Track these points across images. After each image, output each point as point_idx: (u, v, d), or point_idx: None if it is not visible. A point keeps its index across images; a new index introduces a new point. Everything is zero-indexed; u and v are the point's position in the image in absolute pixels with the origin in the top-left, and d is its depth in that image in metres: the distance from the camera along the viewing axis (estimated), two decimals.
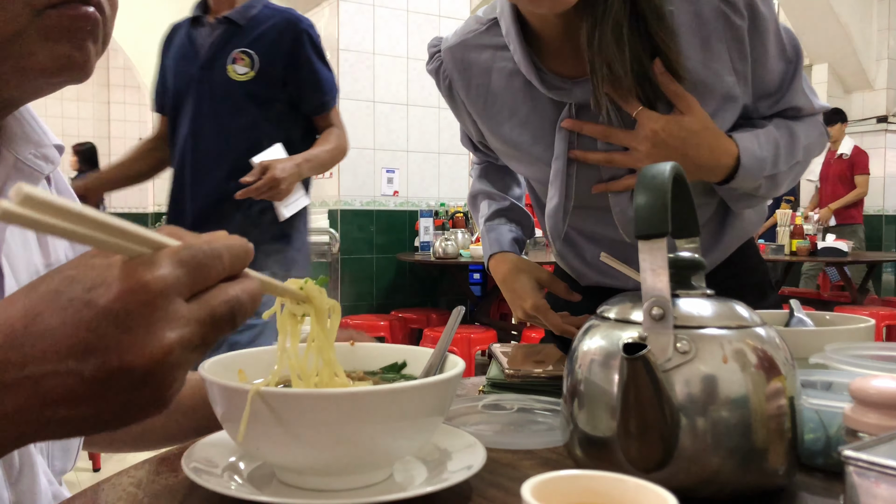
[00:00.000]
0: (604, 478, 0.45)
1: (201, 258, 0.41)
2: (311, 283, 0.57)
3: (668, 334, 0.56)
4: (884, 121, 6.48)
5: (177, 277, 0.40)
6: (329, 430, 0.52)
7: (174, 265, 0.40)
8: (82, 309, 0.39)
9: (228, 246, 0.43)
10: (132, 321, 0.39)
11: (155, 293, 0.39)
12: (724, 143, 0.98)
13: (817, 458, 0.64)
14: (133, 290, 0.39)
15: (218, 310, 0.42)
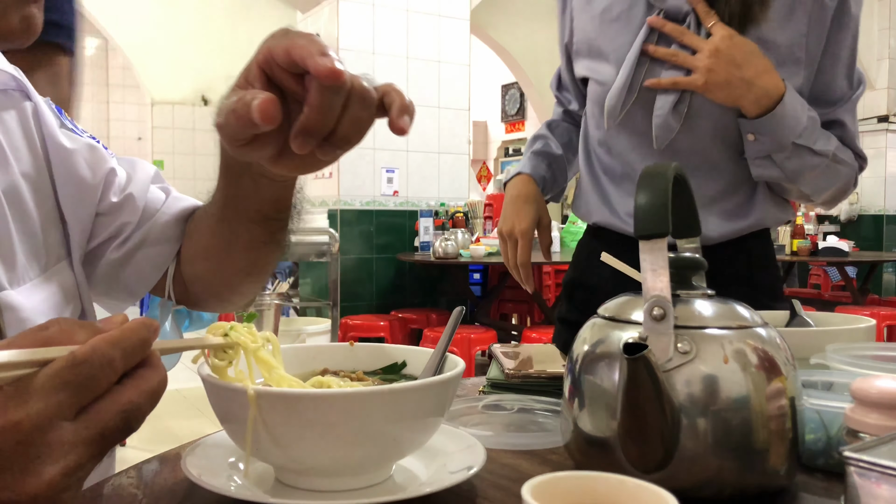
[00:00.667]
0: (604, 478, 0.44)
1: (87, 371, 0.38)
2: (237, 327, 0.54)
3: (669, 334, 0.56)
4: (884, 120, 6.48)
5: (57, 403, 0.37)
6: (329, 430, 0.52)
7: (54, 389, 0.37)
8: None
9: (121, 346, 0.40)
10: (5, 460, 0.36)
11: (29, 430, 0.36)
12: (775, 77, 1.03)
13: (818, 459, 0.63)
14: (4, 429, 0.36)
15: (109, 424, 0.39)
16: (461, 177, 4.95)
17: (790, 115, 1.03)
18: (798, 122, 1.03)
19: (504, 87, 10.55)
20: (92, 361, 0.38)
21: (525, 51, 9.50)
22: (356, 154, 4.48)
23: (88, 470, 0.39)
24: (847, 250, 4.73)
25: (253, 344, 0.54)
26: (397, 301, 4.67)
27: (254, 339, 0.54)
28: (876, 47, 6.52)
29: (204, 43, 8.09)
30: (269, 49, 0.52)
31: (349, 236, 4.49)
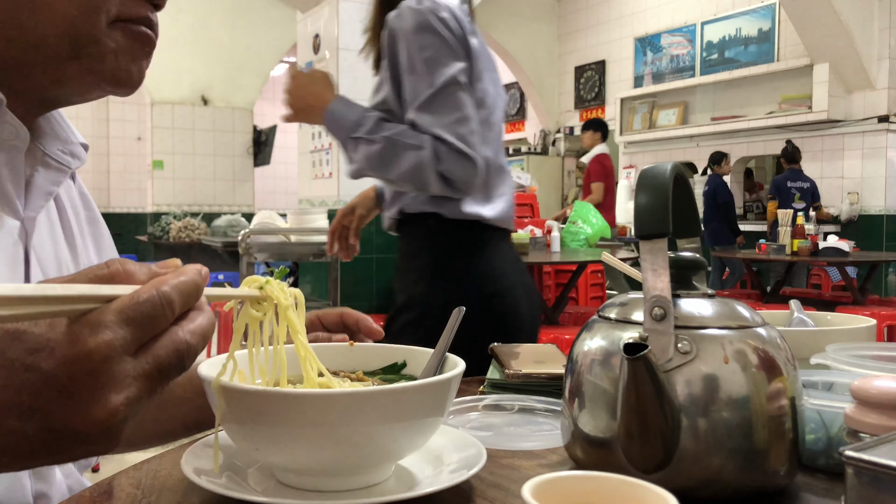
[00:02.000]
0: (604, 478, 0.44)
1: (148, 310, 0.40)
2: (272, 281, 0.55)
3: (669, 334, 0.55)
4: (885, 120, 6.47)
5: (122, 338, 0.39)
6: (329, 430, 0.52)
7: (120, 324, 0.39)
8: (24, 372, 0.38)
9: (179, 288, 0.42)
10: (76, 389, 0.38)
11: (99, 360, 0.38)
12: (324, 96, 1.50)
13: (818, 459, 0.63)
14: (76, 358, 0.38)
15: (166, 360, 0.41)
16: None
17: (337, 118, 1.46)
18: (346, 120, 1.45)
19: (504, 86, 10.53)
20: (153, 301, 0.40)
21: (525, 51, 9.50)
22: None
23: (144, 404, 0.42)
24: (847, 250, 4.73)
25: (285, 301, 0.55)
26: None
27: (285, 296, 0.56)
28: (876, 47, 6.51)
29: (204, 43, 8.10)
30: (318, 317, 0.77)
31: None
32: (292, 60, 10.65)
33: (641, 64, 8.65)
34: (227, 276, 6.26)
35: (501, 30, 9.25)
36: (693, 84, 7.87)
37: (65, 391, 0.38)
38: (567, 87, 9.61)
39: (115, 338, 0.39)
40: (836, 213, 6.77)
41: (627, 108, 8.57)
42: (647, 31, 8.55)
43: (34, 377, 0.38)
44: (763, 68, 7.18)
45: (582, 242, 5.29)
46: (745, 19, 7.57)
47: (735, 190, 7.28)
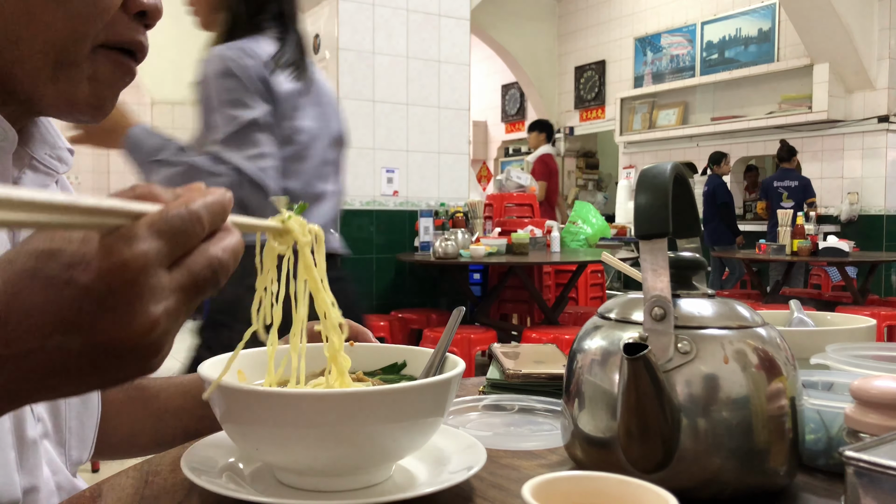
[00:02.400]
0: (604, 478, 0.44)
1: (179, 225, 0.40)
2: (294, 217, 0.55)
3: (669, 334, 0.56)
4: (885, 120, 6.48)
5: (157, 250, 0.39)
6: (329, 430, 0.52)
7: (153, 237, 0.39)
8: (63, 288, 0.38)
9: (207, 206, 0.42)
10: (115, 300, 0.38)
11: (136, 270, 0.38)
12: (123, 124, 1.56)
13: (818, 459, 0.63)
14: (113, 269, 0.38)
15: (200, 274, 0.41)
16: (461, 177, 4.94)
17: (138, 142, 1.55)
18: (147, 145, 1.55)
19: (504, 87, 10.55)
20: (183, 216, 0.41)
21: (525, 51, 9.49)
22: (356, 154, 4.48)
23: (183, 320, 0.42)
24: (847, 250, 4.73)
25: (303, 237, 0.55)
26: (397, 301, 4.66)
27: (304, 232, 0.55)
28: (876, 47, 6.51)
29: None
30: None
31: (349, 236, 4.48)
32: None
33: (641, 64, 8.65)
34: None
35: (501, 30, 9.25)
36: (693, 84, 7.87)
37: (104, 303, 0.38)
38: (567, 87, 9.61)
39: (149, 249, 0.39)
40: (836, 213, 6.77)
41: (627, 108, 8.57)
42: (647, 31, 8.56)
43: (73, 292, 0.38)
44: (763, 68, 7.18)
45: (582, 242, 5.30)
46: (745, 19, 7.57)
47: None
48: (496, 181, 5.32)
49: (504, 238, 4.31)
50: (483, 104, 10.65)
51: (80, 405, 0.73)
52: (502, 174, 5.32)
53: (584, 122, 9.45)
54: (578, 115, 9.48)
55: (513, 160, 9.66)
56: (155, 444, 0.84)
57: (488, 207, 4.98)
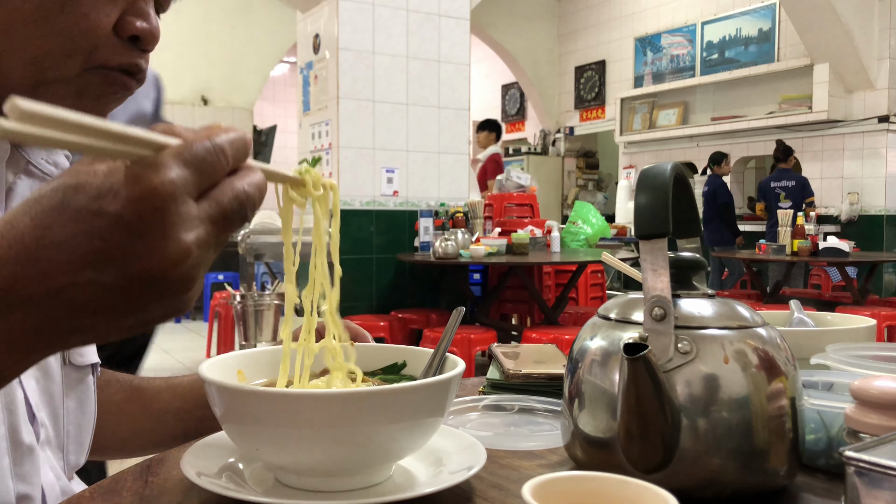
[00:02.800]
0: (604, 479, 0.44)
1: (204, 155, 0.40)
2: (311, 171, 0.55)
3: (669, 334, 0.55)
4: (885, 120, 6.48)
5: (184, 178, 0.39)
6: (329, 430, 0.52)
7: (179, 166, 0.39)
8: (93, 219, 0.38)
9: (230, 140, 0.42)
10: (146, 227, 0.38)
11: (165, 197, 0.38)
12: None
13: (819, 459, 0.63)
14: (143, 196, 0.38)
15: (228, 206, 0.41)
16: (461, 177, 4.94)
17: None
18: None
19: (504, 86, 10.55)
20: (208, 147, 0.41)
21: (525, 51, 9.50)
22: (356, 154, 4.48)
23: (212, 255, 0.42)
24: (847, 250, 4.73)
25: (316, 192, 0.55)
26: (397, 301, 4.66)
27: (317, 186, 0.56)
28: (876, 47, 6.51)
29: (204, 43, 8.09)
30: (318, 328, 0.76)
31: (349, 236, 4.49)
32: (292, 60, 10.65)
33: (641, 64, 8.65)
34: (226, 276, 6.26)
35: (501, 30, 9.25)
36: (693, 84, 7.87)
37: (135, 230, 0.38)
38: (567, 87, 9.61)
39: (177, 177, 0.39)
40: (836, 214, 6.77)
41: (627, 108, 8.57)
42: (647, 31, 8.56)
43: (103, 222, 0.38)
44: (763, 68, 7.18)
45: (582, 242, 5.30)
46: (745, 19, 7.57)
47: (735, 190, 7.28)
48: (496, 181, 5.32)
49: (504, 238, 4.31)
50: (483, 104, 10.65)
51: (77, 410, 0.72)
52: (502, 174, 5.31)
53: (584, 122, 9.45)
54: (578, 115, 9.48)
55: (513, 160, 9.66)
56: (155, 445, 0.84)
57: (488, 207, 4.97)
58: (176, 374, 0.88)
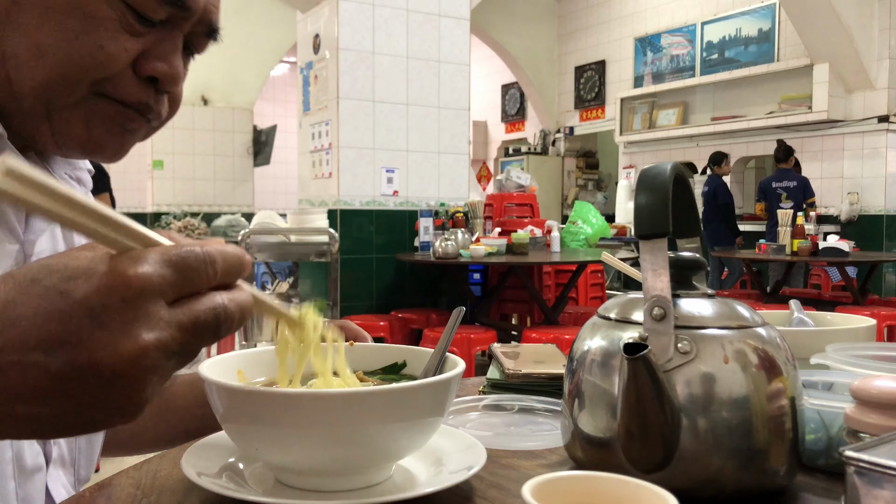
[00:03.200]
0: (604, 478, 0.44)
1: (191, 261, 0.39)
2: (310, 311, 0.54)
3: (669, 334, 0.55)
4: (885, 120, 6.48)
5: (162, 277, 0.38)
6: (329, 430, 0.52)
7: (161, 264, 0.38)
8: (57, 299, 0.37)
9: (223, 252, 0.41)
10: (108, 317, 0.37)
11: (136, 291, 0.37)
12: None
13: (818, 459, 0.63)
14: (113, 285, 0.37)
15: (202, 317, 0.39)
16: (461, 177, 4.94)
17: None
18: None
19: (504, 86, 10.55)
20: (197, 254, 0.40)
21: (525, 51, 9.50)
22: (356, 154, 4.48)
23: (173, 364, 0.40)
24: (847, 250, 4.73)
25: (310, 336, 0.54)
26: (397, 301, 4.66)
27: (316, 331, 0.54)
28: (876, 47, 6.51)
29: None
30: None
31: (349, 236, 4.49)
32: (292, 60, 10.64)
33: (641, 64, 8.65)
34: None
35: (501, 30, 9.25)
36: (693, 84, 7.87)
37: (96, 318, 0.37)
38: (567, 88, 9.61)
39: (154, 273, 0.38)
40: (836, 213, 6.77)
41: (627, 108, 8.57)
42: (647, 31, 8.56)
43: (67, 303, 0.36)
44: (763, 68, 7.18)
45: (582, 242, 5.30)
46: (745, 19, 7.57)
47: (735, 191, 7.28)
48: (496, 181, 5.32)
49: (504, 238, 4.31)
50: (483, 104, 10.65)
51: None
52: (502, 174, 5.31)
53: (584, 122, 9.45)
54: (578, 115, 9.48)
55: (513, 160, 9.66)
56: (157, 443, 0.84)
57: (488, 207, 4.98)
58: (176, 373, 0.88)
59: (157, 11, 0.59)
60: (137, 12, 0.58)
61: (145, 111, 0.62)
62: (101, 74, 0.58)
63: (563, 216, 9.03)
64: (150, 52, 0.60)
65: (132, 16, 0.58)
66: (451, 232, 4.16)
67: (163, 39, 0.61)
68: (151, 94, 0.62)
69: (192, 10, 0.61)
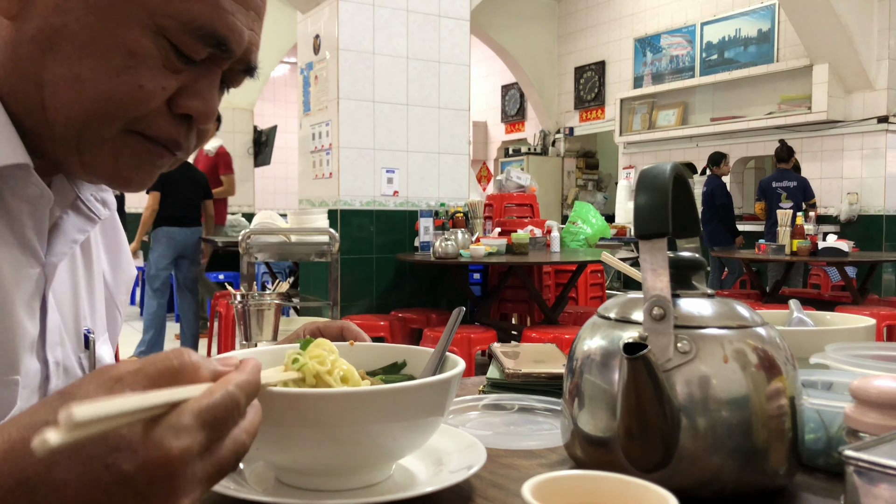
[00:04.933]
0: (604, 478, 0.44)
1: (222, 415, 0.41)
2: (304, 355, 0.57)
3: (669, 334, 0.56)
4: (884, 121, 6.47)
5: (200, 443, 0.40)
6: (329, 430, 0.52)
7: (198, 429, 0.40)
8: (103, 471, 0.38)
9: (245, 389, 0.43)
10: (151, 491, 0.38)
11: (179, 464, 0.39)
12: None
13: (818, 458, 0.63)
14: (158, 461, 0.38)
15: (226, 462, 0.42)
16: (461, 177, 4.94)
17: None
18: None
19: (504, 87, 10.55)
20: (226, 405, 0.41)
21: (525, 51, 9.49)
22: (356, 154, 4.47)
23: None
24: (847, 250, 4.73)
25: (321, 367, 0.57)
26: (397, 301, 4.66)
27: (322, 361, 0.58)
28: (876, 47, 6.51)
29: None
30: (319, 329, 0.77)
31: (349, 236, 4.49)
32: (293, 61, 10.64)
33: (641, 64, 8.65)
34: (227, 275, 6.26)
35: (501, 30, 9.25)
36: (693, 84, 7.87)
37: (140, 493, 0.38)
38: (567, 88, 9.61)
39: (193, 443, 0.39)
40: (836, 214, 6.77)
41: (627, 108, 8.57)
42: (647, 31, 8.55)
43: (112, 476, 0.38)
44: (762, 69, 7.17)
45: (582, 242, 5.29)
46: (744, 20, 7.57)
47: (734, 191, 7.27)
48: (496, 181, 5.32)
49: (504, 238, 4.31)
50: (483, 104, 10.65)
51: None
52: (502, 174, 5.31)
53: (584, 123, 9.45)
54: (578, 115, 9.48)
55: (513, 160, 9.66)
56: None
57: (488, 207, 4.97)
58: None
59: (199, 52, 0.58)
60: (180, 51, 0.57)
61: (175, 148, 0.62)
62: (137, 113, 0.57)
63: (563, 216, 9.03)
64: (187, 88, 0.59)
65: (174, 54, 0.57)
66: (451, 232, 4.16)
67: (201, 77, 0.60)
68: (183, 131, 0.61)
69: (234, 51, 0.60)
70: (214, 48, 0.59)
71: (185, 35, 0.57)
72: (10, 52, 0.57)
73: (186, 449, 0.39)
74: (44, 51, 0.56)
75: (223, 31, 0.58)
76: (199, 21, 0.57)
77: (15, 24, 0.56)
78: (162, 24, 0.56)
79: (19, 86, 0.57)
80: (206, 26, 0.57)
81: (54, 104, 0.56)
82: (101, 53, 0.55)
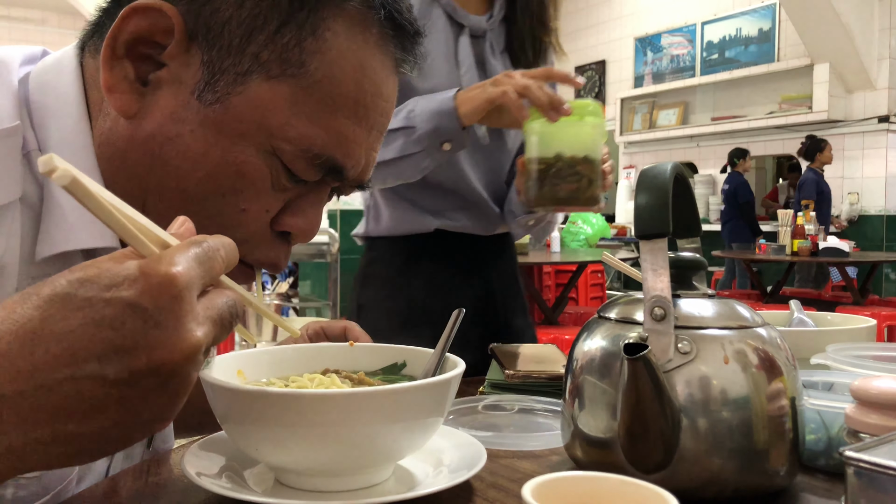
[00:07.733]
0: (604, 479, 0.44)
1: (210, 254, 0.41)
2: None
3: (670, 334, 0.55)
4: (885, 120, 6.47)
5: (196, 273, 0.39)
6: (329, 430, 0.52)
7: (190, 261, 0.39)
8: (103, 307, 0.36)
9: (223, 243, 0.42)
10: (162, 317, 0.37)
11: (182, 286, 0.37)
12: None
13: (819, 459, 0.63)
14: (162, 284, 0.37)
15: (223, 310, 0.41)
16: None
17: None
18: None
19: None
20: (210, 244, 0.41)
21: None
22: None
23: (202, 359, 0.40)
24: (847, 250, 4.73)
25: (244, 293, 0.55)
26: None
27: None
28: (876, 47, 6.51)
29: None
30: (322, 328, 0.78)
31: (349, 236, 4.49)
32: None
33: (641, 64, 8.65)
34: None
35: None
36: (693, 84, 7.87)
37: (150, 319, 0.36)
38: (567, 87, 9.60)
39: (190, 269, 0.39)
40: (837, 214, 6.77)
41: (627, 108, 8.57)
42: (647, 31, 8.55)
43: (115, 309, 0.36)
44: (763, 68, 7.17)
45: (582, 242, 5.30)
46: (745, 19, 7.57)
47: None
48: None
49: None
50: None
51: None
52: None
53: None
54: None
55: None
56: (181, 429, 0.82)
57: None
58: None
59: (313, 176, 0.57)
60: (293, 173, 0.56)
61: (274, 271, 0.61)
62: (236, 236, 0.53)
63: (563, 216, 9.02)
64: (291, 206, 0.58)
65: (286, 175, 0.55)
66: None
67: (308, 192, 0.58)
68: (282, 252, 0.60)
69: (349, 177, 0.59)
70: (329, 175, 0.57)
71: (300, 161, 0.55)
72: (123, 151, 0.55)
73: (185, 272, 0.38)
74: (154, 157, 0.54)
75: (342, 161, 0.56)
76: (318, 150, 0.55)
77: (132, 125, 0.54)
78: (279, 146, 0.54)
79: (126, 186, 0.55)
80: (324, 154, 0.55)
81: (156, 212, 0.52)
82: (209, 170, 0.53)
